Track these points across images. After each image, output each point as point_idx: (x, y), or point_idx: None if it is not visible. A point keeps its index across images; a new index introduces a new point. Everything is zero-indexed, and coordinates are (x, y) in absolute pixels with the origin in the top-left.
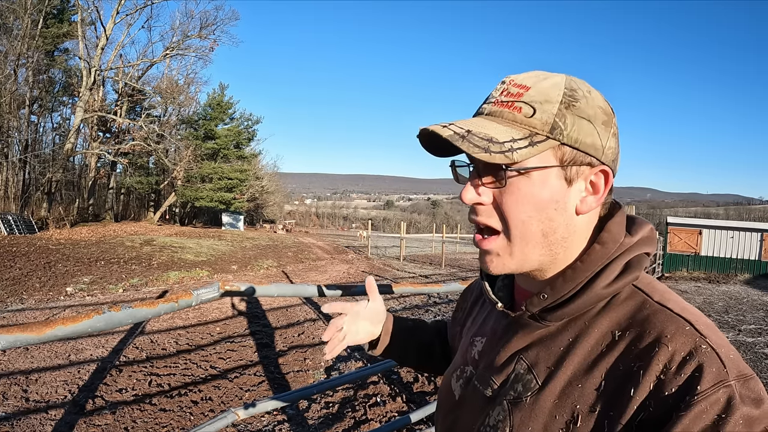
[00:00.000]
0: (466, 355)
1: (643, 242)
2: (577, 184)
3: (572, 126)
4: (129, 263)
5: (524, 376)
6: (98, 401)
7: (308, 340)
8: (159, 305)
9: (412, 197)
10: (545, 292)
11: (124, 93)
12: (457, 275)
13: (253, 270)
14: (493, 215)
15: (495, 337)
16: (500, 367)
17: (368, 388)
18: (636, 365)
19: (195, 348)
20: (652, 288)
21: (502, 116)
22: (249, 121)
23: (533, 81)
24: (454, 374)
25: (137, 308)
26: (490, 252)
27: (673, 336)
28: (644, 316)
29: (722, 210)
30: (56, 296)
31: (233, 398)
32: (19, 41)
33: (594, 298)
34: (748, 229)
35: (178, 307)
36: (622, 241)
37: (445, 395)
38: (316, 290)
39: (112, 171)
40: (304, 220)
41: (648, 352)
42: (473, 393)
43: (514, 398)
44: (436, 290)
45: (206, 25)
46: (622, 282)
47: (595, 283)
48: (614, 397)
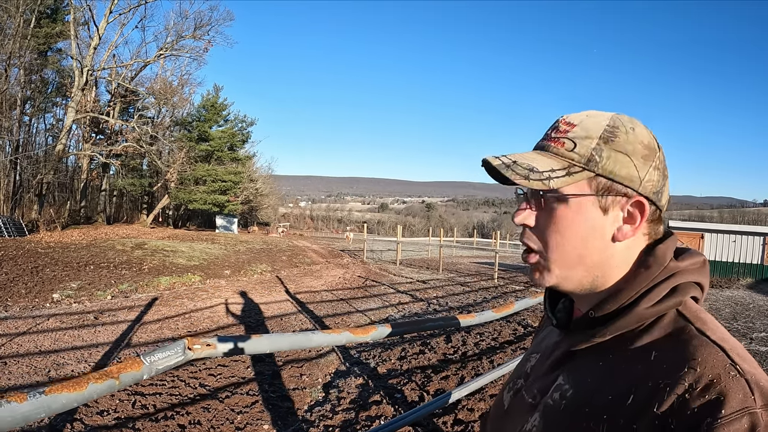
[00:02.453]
0: (521, 369)
1: (693, 271)
2: (613, 212)
3: (608, 159)
4: (119, 268)
5: (562, 386)
6: (77, 425)
7: (304, 353)
8: (89, 386)
9: (406, 200)
10: (593, 311)
11: (117, 94)
12: (455, 280)
13: (247, 275)
14: (533, 237)
15: (547, 353)
16: (545, 377)
17: (370, 410)
18: (663, 383)
19: (184, 363)
20: (695, 316)
21: (549, 150)
22: (243, 123)
23: (581, 119)
24: (508, 386)
25: (53, 394)
26: (531, 267)
27: (704, 360)
28: (681, 341)
29: (716, 213)
30: (42, 303)
31: (224, 422)
32: (10, 40)
33: (637, 317)
34: (751, 233)
35: (120, 386)
36: (667, 265)
37: (496, 407)
38: (320, 340)
39: (104, 173)
40: (298, 222)
41: (677, 371)
42: (520, 402)
43: (551, 406)
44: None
45: (201, 25)
46: (665, 305)
47: (639, 303)
48: (640, 411)
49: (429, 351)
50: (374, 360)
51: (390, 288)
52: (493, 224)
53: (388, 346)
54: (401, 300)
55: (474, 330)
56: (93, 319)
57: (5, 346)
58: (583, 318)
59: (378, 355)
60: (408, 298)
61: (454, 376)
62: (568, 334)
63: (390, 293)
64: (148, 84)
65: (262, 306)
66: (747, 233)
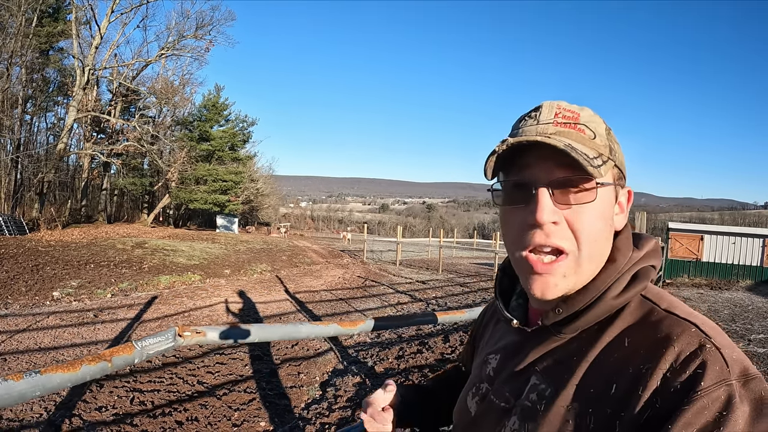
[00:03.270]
0: (481, 372)
1: (649, 255)
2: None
3: (617, 149)
4: (119, 266)
5: (538, 386)
6: (75, 421)
7: (302, 352)
8: (82, 367)
9: (407, 201)
10: (560, 307)
11: (119, 93)
12: (455, 281)
13: (247, 274)
14: (566, 235)
15: (510, 353)
16: (515, 379)
17: None
18: (645, 367)
19: (182, 360)
20: (659, 297)
21: (571, 137)
22: (244, 122)
23: (576, 108)
24: (470, 392)
25: (48, 374)
26: (554, 274)
27: (680, 337)
28: (652, 322)
29: (717, 215)
30: (42, 301)
31: (221, 418)
32: (12, 39)
33: (605, 308)
34: (750, 234)
35: (112, 368)
36: (630, 255)
37: (461, 413)
38: (309, 331)
39: (105, 172)
40: (299, 223)
41: (656, 353)
42: (489, 408)
43: (528, 407)
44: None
45: (202, 25)
46: (630, 292)
47: (606, 294)
48: (624, 398)
49: (427, 350)
50: (372, 359)
51: (389, 288)
52: (493, 225)
53: (386, 345)
54: (400, 300)
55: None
56: (92, 317)
57: (5, 343)
58: (551, 314)
59: (375, 355)
60: (407, 299)
61: None
62: (533, 332)
63: (389, 293)
64: (150, 83)
65: (262, 305)
66: (746, 235)
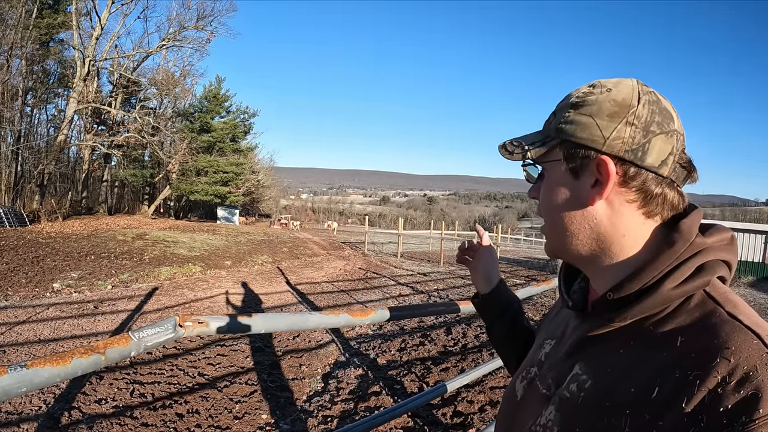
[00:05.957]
0: (534, 356)
1: (720, 248)
2: (585, 177)
3: (571, 123)
4: (120, 258)
5: (580, 377)
6: (75, 414)
7: (304, 343)
8: (73, 360)
9: (408, 193)
10: (611, 292)
11: (119, 84)
12: (456, 273)
13: (248, 266)
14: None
15: (561, 338)
16: (561, 366)
17: (369, 400)
18: (692, 374)
19: (183, 352)
20: (725, 298)
21: (542, 126)
22: (245, 114)
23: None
24: (520, 375)
25: (35, 368)
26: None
27: (738, 349)
28: (710, 325)
29: (718, 211)
30: (42, 293)
31: (222, 411)
32: (12, 31)
33: (661, 299)
34: (753, 231)
35: (106, 362)
36: (694, 241)
37: (508, 396)
38: (318, 321)
39: (106, 163)
40: (299, 214)
41: (707, 361)
42: (533, 393)
43: (567, 399)
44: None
45: (203, 16)
46: (691, 285)
47: (663, 284)
48: (664, 405)
49: (429, 343)
50: (374, 351)
51: (391, 280)
52: (494, 218)
53: (388, 337)
54: (402, 292)
55: (474, 322)
56: (93, 308)
57: (5, 335)
58: (602, 300)
59: (378, 347)
60: (408, 290)
61: (454, 368)
62: (585, 317)
63: (391, 285)
64: (150, 75)
65: (263, 296)
66: (749, 231)
